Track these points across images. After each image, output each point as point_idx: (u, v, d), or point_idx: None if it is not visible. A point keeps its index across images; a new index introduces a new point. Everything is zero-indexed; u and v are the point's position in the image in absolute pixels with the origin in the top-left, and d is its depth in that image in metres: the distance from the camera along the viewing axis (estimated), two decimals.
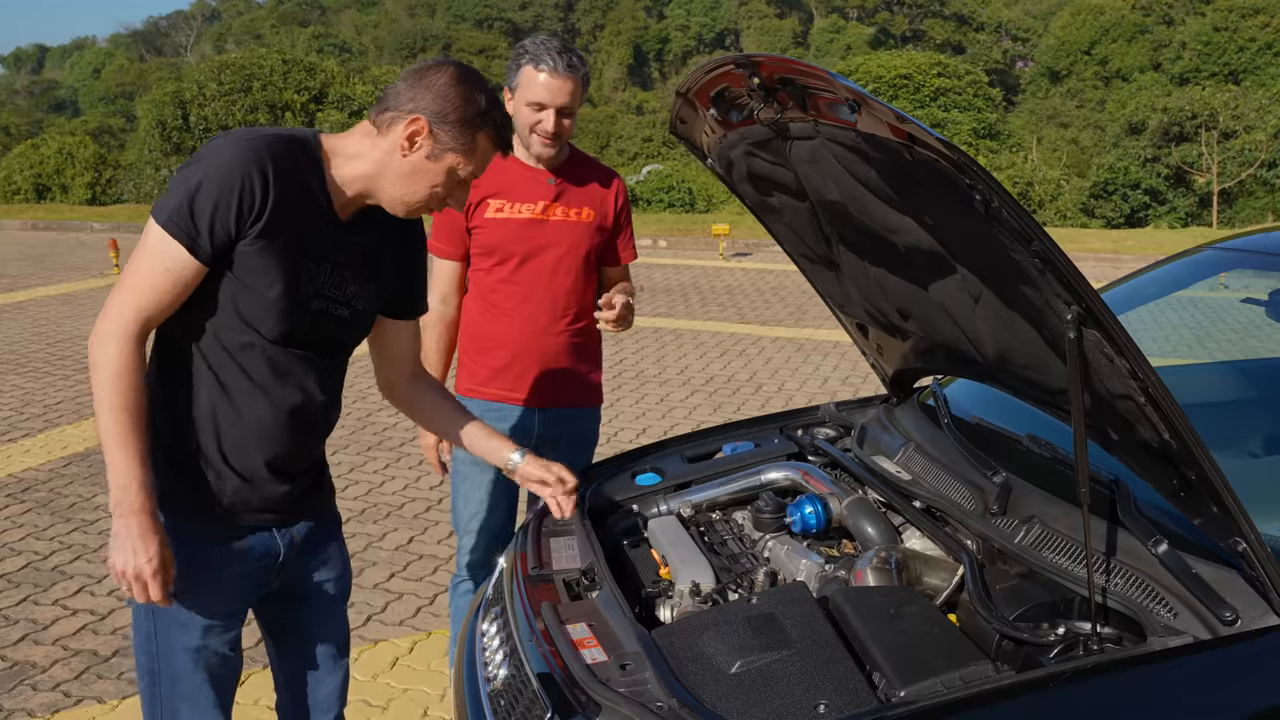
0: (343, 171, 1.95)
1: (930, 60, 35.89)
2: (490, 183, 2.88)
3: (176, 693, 2.05)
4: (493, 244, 2.91)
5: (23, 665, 3.47)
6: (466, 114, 1.91)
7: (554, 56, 2.76)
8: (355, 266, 2.02)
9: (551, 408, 3.01)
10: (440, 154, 1.92)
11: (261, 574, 2.11)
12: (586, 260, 2.97)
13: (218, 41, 65.99)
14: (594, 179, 2.99)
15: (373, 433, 6.02)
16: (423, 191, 1.96)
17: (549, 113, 2.77)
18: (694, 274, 12.28)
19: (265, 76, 25.61)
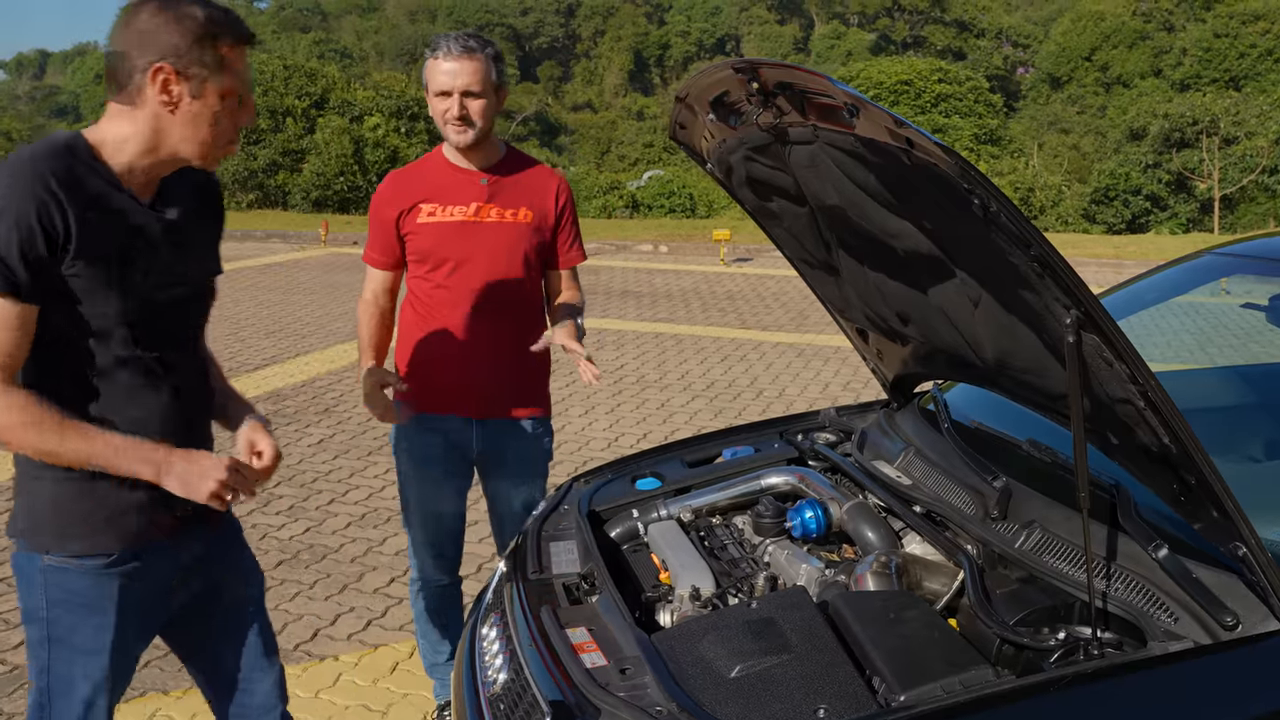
0: (122, 159, 1.86)
1: (931, 66, 35.97)
2: (421, 187, 2.85)
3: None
4: (426, 249, 2.84)
5: (23, 669, 3.47)
6: (195, 35, 1.81)
7: (449, 43, 2.72)
8: (177, 242, 1.96)
9: (491, 419, 2.93)
10: (200, 87, 1.83)
11: (163, 597, 2.04)
12: (525, 263, 2.87)
13: None
14: (532, 178, 2.91)
15: (372, 438, 6.03)
16: (207, 133, 1.87)
17: (454, 98, 2.71)
18: (695, 279, 12.28)
19: (266, 82, 25.65)
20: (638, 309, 10.27)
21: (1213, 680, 1.72)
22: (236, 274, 12.48)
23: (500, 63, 2.80)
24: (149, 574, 1.98)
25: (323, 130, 24.93)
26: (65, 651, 1.94)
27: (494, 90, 2.77)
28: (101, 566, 1.91)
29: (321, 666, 3.52)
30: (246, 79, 1.91)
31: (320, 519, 4.80)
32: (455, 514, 3.02)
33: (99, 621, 1.93)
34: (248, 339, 8.73)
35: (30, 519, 1.91)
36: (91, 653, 1.94)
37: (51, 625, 1.92)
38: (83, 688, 1.95)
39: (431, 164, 2.90)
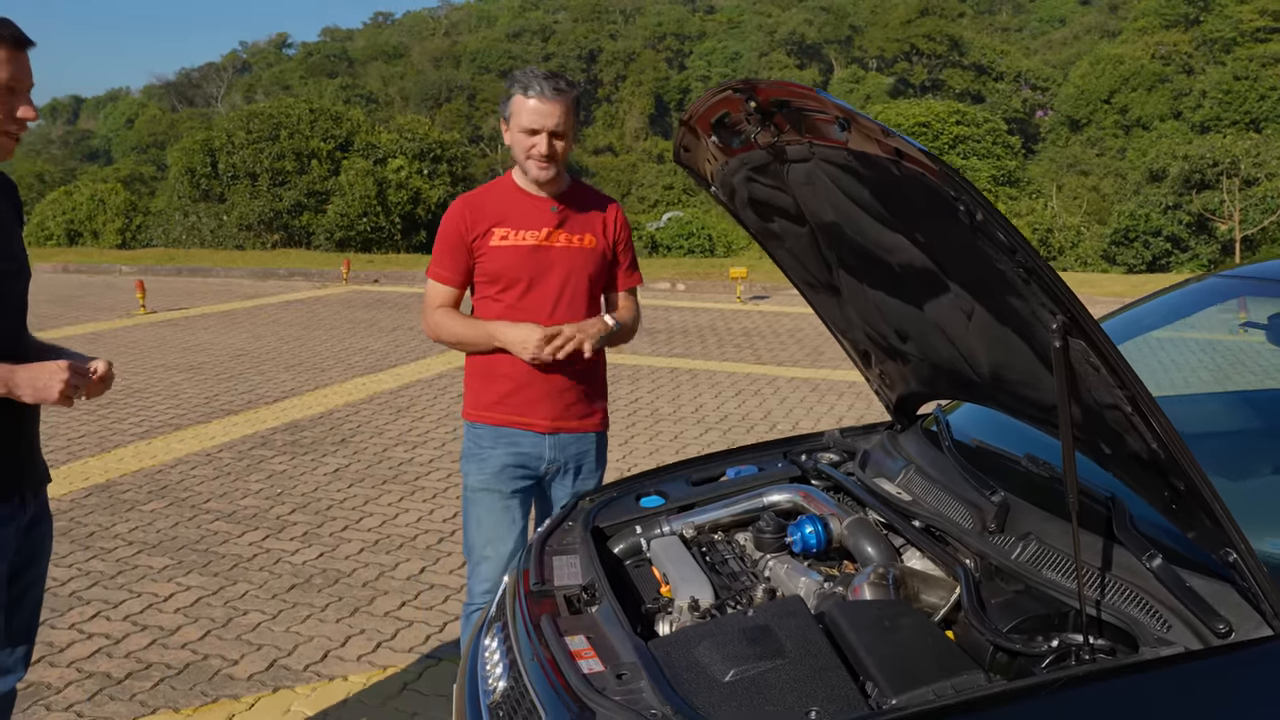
0: None
1: (949, 109, 36.16)
2: (495, 211, 2.97)
3: None
4: (498, 271, 2.97)
5: (37, 686, 3.51)
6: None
7: (540, 82, 2.87)
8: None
9: (559, 433, 3.05)
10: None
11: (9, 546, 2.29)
12: (590, 285, 3.03)
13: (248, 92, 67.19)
14: (594, 206, 3.07)
15: (388, 467, 6.07)
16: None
17: (541, 136, 2.87)
18: (711, 316, 12.34)
19: (293, 125, 26.06)
20: (653, 344, 10.32)
21: (1200, 684, 1.73)
22: (258, 310, 12.63)
23: (579, 103, 2.96)
24: (3, 523, 2.25)
25: (347, 172, 25.26)
26: None
27: (574, 129, 2.94)
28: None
29: (331, 686, 3.54)
30: (14, 80, 2.10)
31: (334, 544, 4.84)
32: (521, 530, 3.08)
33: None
34: (268, 372, 8.83)
35: None
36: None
37: None
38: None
39: (503, 189, 3.04)
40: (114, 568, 4.55)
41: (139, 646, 3.82)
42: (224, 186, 25.99)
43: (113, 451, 6.40)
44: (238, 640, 3.87)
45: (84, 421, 7.10)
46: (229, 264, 17.82)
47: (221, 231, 24.81)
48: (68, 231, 26.01)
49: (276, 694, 3.50)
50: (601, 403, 3.15)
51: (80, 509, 5.32)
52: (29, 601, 2.44)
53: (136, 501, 5.45)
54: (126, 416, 7.28)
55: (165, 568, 4.56)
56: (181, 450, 6.42)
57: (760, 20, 77.65)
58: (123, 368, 8.96)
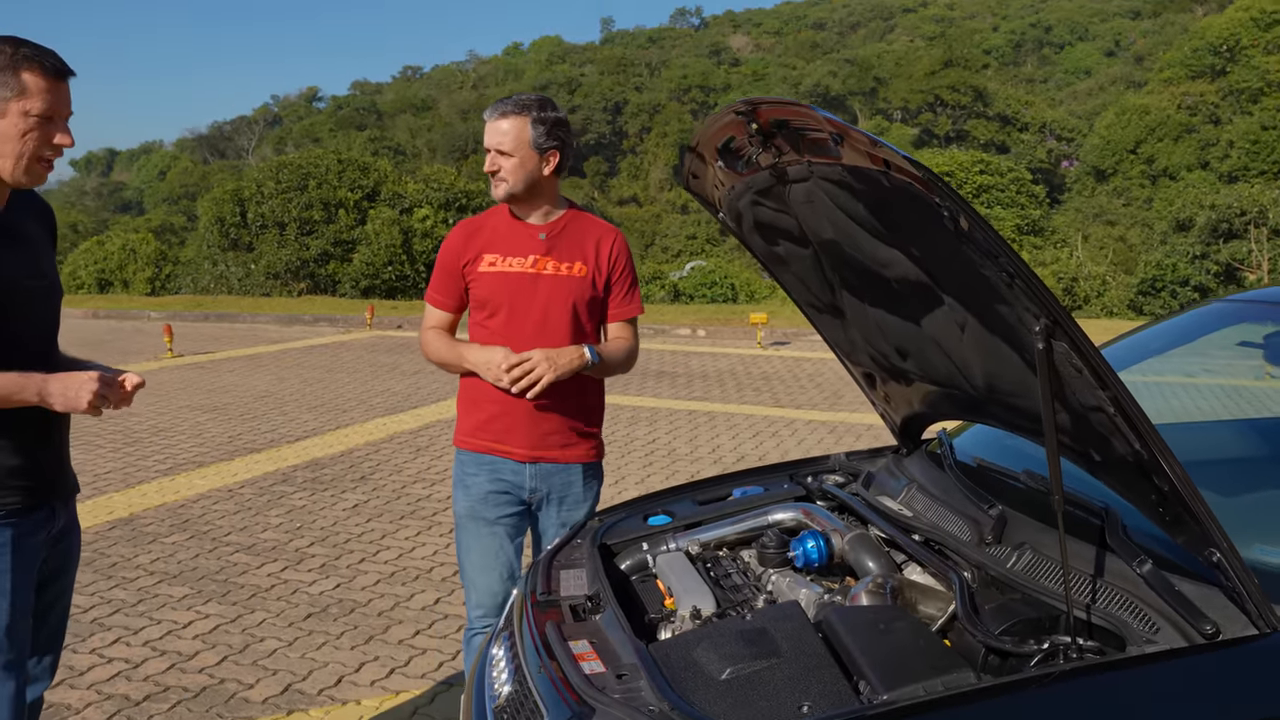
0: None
1: (973, 158, 36.34)
2: (485, 237, 3.02)
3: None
4: (485, 296, 3.00)
5: (58, 707, 3.57)
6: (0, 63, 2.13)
7: (499, 104, 2.97)
8: (34, 243, 2.30)
9: (541, 462, 3.02)
10: (4, 107, 2.14)
11: (38, 555, 2.35)
12: (579, 313, 3.00)
13: (278, 145, 68.32)
14: (589, 235, 3.06)
15: (406, 503, 6.14)
16: (17, 146, 2.17)
17: (490, 154, 2.95)
18: (731, 361, 12.39)
19: (321, 175, 26.47)
20: (673, 388, 10.37)
21: (1181, 681, 1.76)
22: (283, 354, 12.80)
23: (547, 125, 2.94)
24: (33, 532, 2.30)
25: (373, 221, 25.59)
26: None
27: (534, 150, 2.93)
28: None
29: (344, 710, 3.58)
30: (51, 109, 2.18)
31: (350, 576, 4.89)
32: (508, 556, 3.06)
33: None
34: (290, 413, 8.94)
35: None
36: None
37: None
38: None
39: (496, 217, 3.08)
40: (135, 596, 4.62)
41: (157, 671, 3.88)
42: (252, 236, 26.39)
43: (137, 487, 6.50)
44: (254, 665, 3.92)
45: (109, 458, 7.22)
46: (255, 310, 18.08)
47: (249, 280, 25.16)
48: (99, 280, 26.43)
49: (290, 716, 3.54)
50: (590, 433, 3.10)
51: (104, 540, 5.41)
52: (57, 611, 2.50)
53: (159, 534, 5.54)
54: (151, 454, 7.39)
55: (185, 596, 4.63)
56: (204, 486, 6.52)
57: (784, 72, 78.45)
58: (149, 408, 9.11)
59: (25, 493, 2.25)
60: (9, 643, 2.23)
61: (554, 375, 2.90)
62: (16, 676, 2.27)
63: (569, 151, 3.02)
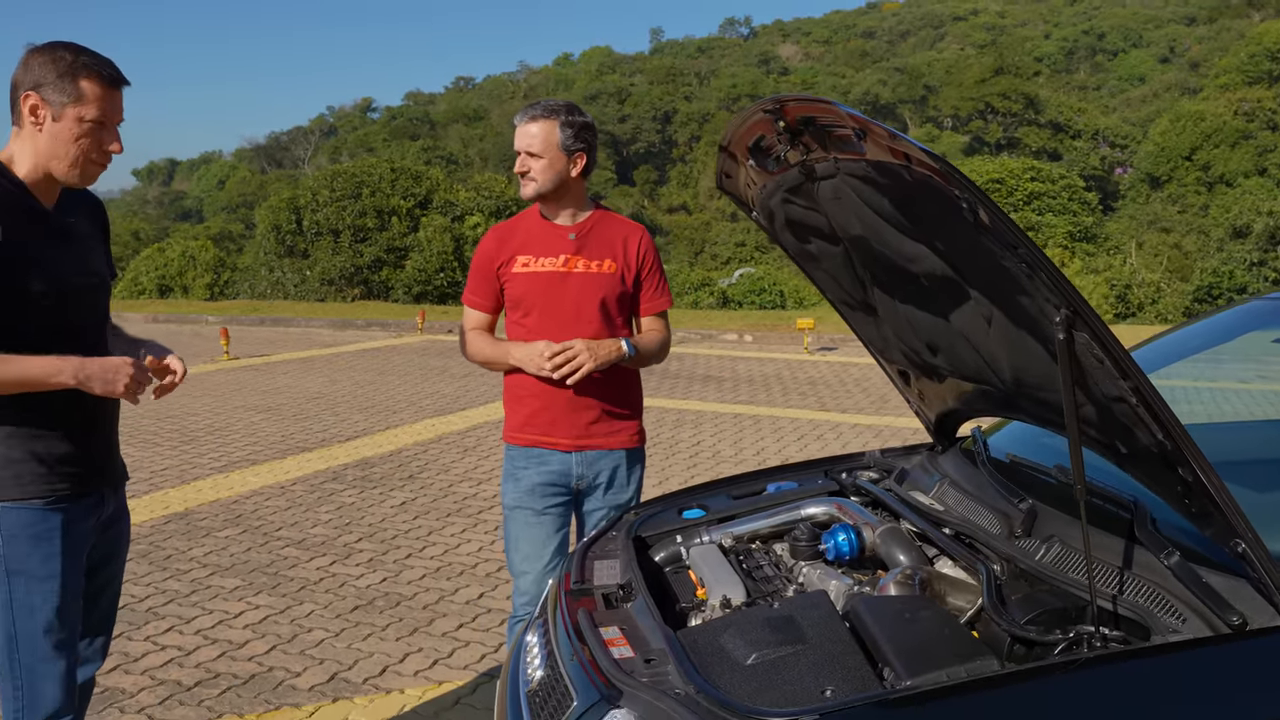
0: (22, 171, 2.27)
1: (1023, 165, 35.92)
2: (519, 240, 3.14)
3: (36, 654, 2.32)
4: (519, 296, 3.12)
5: (113, 691, 3.69)
6: (59, 69, 2.21)
7: (527, 108, 3.09)
8: (84, 241, 2.37)
9: (583, 450, 3.14)
10: (60, 112, 2.23)
11: (87, 541, 2.42)
12: (611, 308, 3.13)
13: (333, 154, 69.31)
14: (616, 233, 3.18)
15: (452, 501, 6.24)
16: (71, 149, 2.25)
17: (519, 156, 3.06)
18: (777, 366, 12.39)
19: (374, 184, 26.87)
20: (719, 392, 10.41)
21: (1206, 670, 1.77)
22: (336, 357, 13.02)
23: (574, 129, 3.06)
24: (82, 517, 2.37)
25: (425, 229, 25.93)
26: (24, 581, 2.29)
27: (562, 152, 3.05)
28: (47, 504, 2.30)
29: (388, 699, 3.67)
30: (105, 116, 2.27)
31: (397, 571, 4.99)
32: (554, 547, 3.17)
33: (48, 550, 2.30)
34: (342, 413, 9.10)
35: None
36: (46, 578, 2.30)
37: (9, 559, 2.28)
38: (43, 613, 2.30)
39: (527, 220, 3.20)
40: (189, 587, 4.75)
41: (209, 658, 3.99)
42: (308, 243, 26.85)
43: (192, 483, 6.67)
44: (301, 655, 4.02)
45: (167, 455, 7.41)
46: (310, 315, 18.38)
47: (305, 286, 25.59)
48: (159, 286, 27.02)
49: (336, 704, 3.63)
50: (632, 421, 3.22)
51: (160, 534, 5.56)
52: (108, 596, 2.60)
53: (212, 528, 5.68)
54: (206, 452, 7.57)
55: (236, 588, 4.75)
56: (257, 483, 6.67)
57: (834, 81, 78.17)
58: (205, 408, 9.33)
59: (75, 480, 2.33)
60: (60, 623, 2.32)
61: (594, 364, 3.03)
62: (67, 656, 2.36)
63: (595, 154, 3.13)
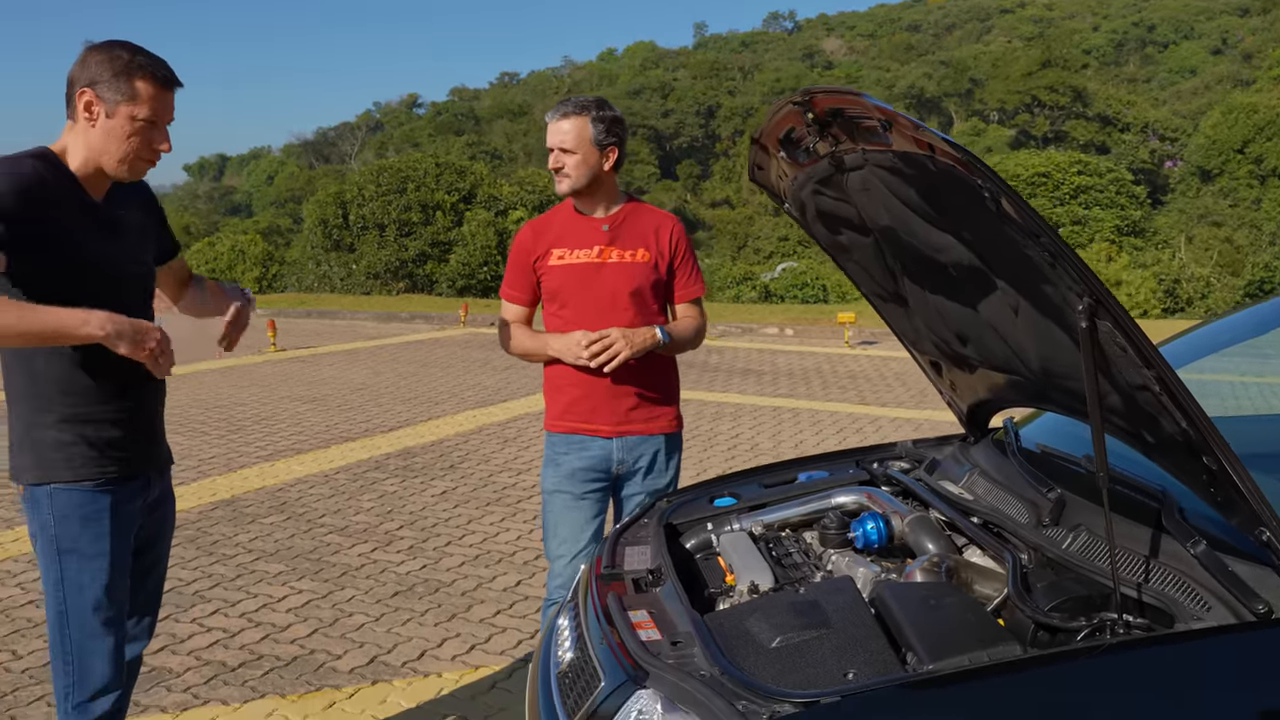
0: (75, 164, 2.33)
1: (1070, 159, 35.45)
2: (554, 233, 3.20)
3: (86, 630, 2.39)
4: (555, 288, 3.19)
5: (160, 670, 3.80)
6: (115, 69, 2.28)
7: (559, 105, 3.15)
8: (130, 230, 2.45)
9: (624, 436, 3.21)
10: (114, 109, 2.29)
11: (134, 521, 2.49)
12: (645, 296, 3.18)
13: (380, 150, 69.91)
14: (648, 223, 3.24)
15: (492, 490, 6.31)
16: (122, 146, 2.32)
17: (553, 152, 3.11)
18: (818, 360, 12.37)
19: (419, 179, 27.11)
20: (758, 385, 10.41)
21: (1228, 657, 1.77)
22: (380, 349, 13.18)
23: (605, 124, 3.12)
24: (129, 499, 2.45)
25: (469, 223, 26.13)
26: (75, 559, 2.36)
27: (594, 147, 3.11)
28: (97, 486, 2.37)
29: (426, 682, 3.74)
30: (156, 116, 2.34)
31: (437, 558, 5.07)
32: (591, 532, 3.23)
33: (97, 530, 2.37)
34: (385, 404, 9.23)
35: (38, 460, 2.35)
36: (95, 557, 2.37)
37: (60, 539, 2.36)
38: (93, 591, 2.38)
39: (562, 214, 3.27)
40: (234, 571, 4.87)
41: (252, 640, 4.09)
42: (354, 237, 27.15)
43: (239, 471, 6.81)
44: (342, 638, 4.11)
45: (215, 444, 7.56)
46: (355, 307, 18.62)
47: (351, 279, 25.89)
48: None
49: (375, 686, 3.71)
50: (670, 406, 3.29)
51: (207, 520, 5.69)
52: (154, 576, 2.69)
53: (258, 515, 5.80)
54: (253, 441, 7.72)
55: (280, 573, 4.85)
56: (301, 471, 6.79)
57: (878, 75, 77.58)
58: (252, 398, 9.50)
59: (123, 463, 2.41)
60: (108, 601, 2.40)
61: (630, 351, 3.09)
62: (116, 633, 2.44)
63: (625, 147, 3.19)
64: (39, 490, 2.35)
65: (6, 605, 4.42)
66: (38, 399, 2.33)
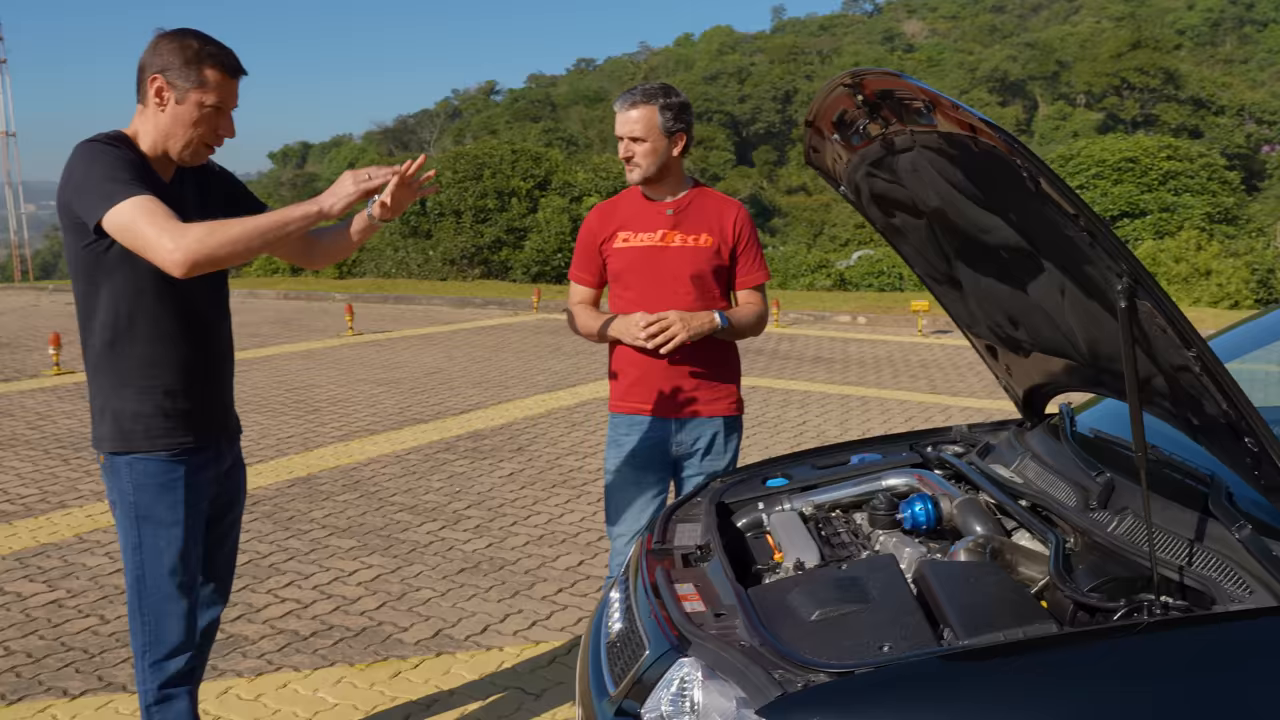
0: (144, 146, 2.43)
1: (1159, 143, 34.41)
2: (619, 217, 3.27)
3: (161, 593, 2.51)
4: (619, 270, 3.25)
5: (236, 638, 3.96)
6: (185, 57, 2.37)
7: (628, 94, 3.18)
8: (194, 211, 2.45)
9: (684, 418, 3.26)
10: (184, 96, 2.38)
11: (207, 490, 2.60)
12: (707, 281, 3.22)
13: (458, 137, 70.78)
14: (713, 208, 3.27)
15: (558, 473, 6.42)
16: (189, 130, 2.42)
17: (624, 142, 3.16)
18: (889, 349, 12.27)
19: (495, 165, 27.38)
20: (828, 373, 10.38)
21: (1265, 639, 1.77)
22: (454, 334, 13.40)
23: (674, 110, 3.16)
24: (203, 469, 2.56)
25: (544, 209, 26.33)
26: (151, 527, 2.49)
27: (663, 135, 3.15)
28: (172, 455, 2.49)
29: (487, 655, 3.84)
30: (223, 104, 2.44)
31: (502, 537, 5.19)
32: (653, 511, 3.29)
33: (172, 499, 2.50)
34: (458, 388, 9.40)
35: (118, 429, 2.46)
36: (171, 524, 2.50)
37: (138, 506, 2.48)
38: (169, 556, 2.51)
39: (628, 198, 3.33)
40: (308, 546, 5.04)
41: (324, 611, 4.24)
42: (431, 223, 27.54)
43: (315, 450, 7.01)
44: (409, 611, 4.24)
45: (292, 424, 7.79)
46: (431, 293, 18.93)
47: (428, 265, 26.28)
48: (292, 265, 28.10)
49: (439, 658, 3.82)
50: (729, 390, 3.32)
51: (284, 497, 5.88)
52: (228, 544, 2.81)
53: (332, 493, 5.98)
54: (329, 421, 7.93)
55: (352, 548, 5.01)
56: (374, 452, 6.97)
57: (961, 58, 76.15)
58: (329, 380, 9.75)
59: (196, 433, 2.53)
60: (182, 566, 2.53)
61: (687, 335, 3.13)
62: (189, 597, 2.57)
63: (692, 132, 3.23)
64: (118, 459, 2.48)
65: (96, 573, 4.64)
66: (117, 372, 2.46)
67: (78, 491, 5.96)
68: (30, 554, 4.90)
